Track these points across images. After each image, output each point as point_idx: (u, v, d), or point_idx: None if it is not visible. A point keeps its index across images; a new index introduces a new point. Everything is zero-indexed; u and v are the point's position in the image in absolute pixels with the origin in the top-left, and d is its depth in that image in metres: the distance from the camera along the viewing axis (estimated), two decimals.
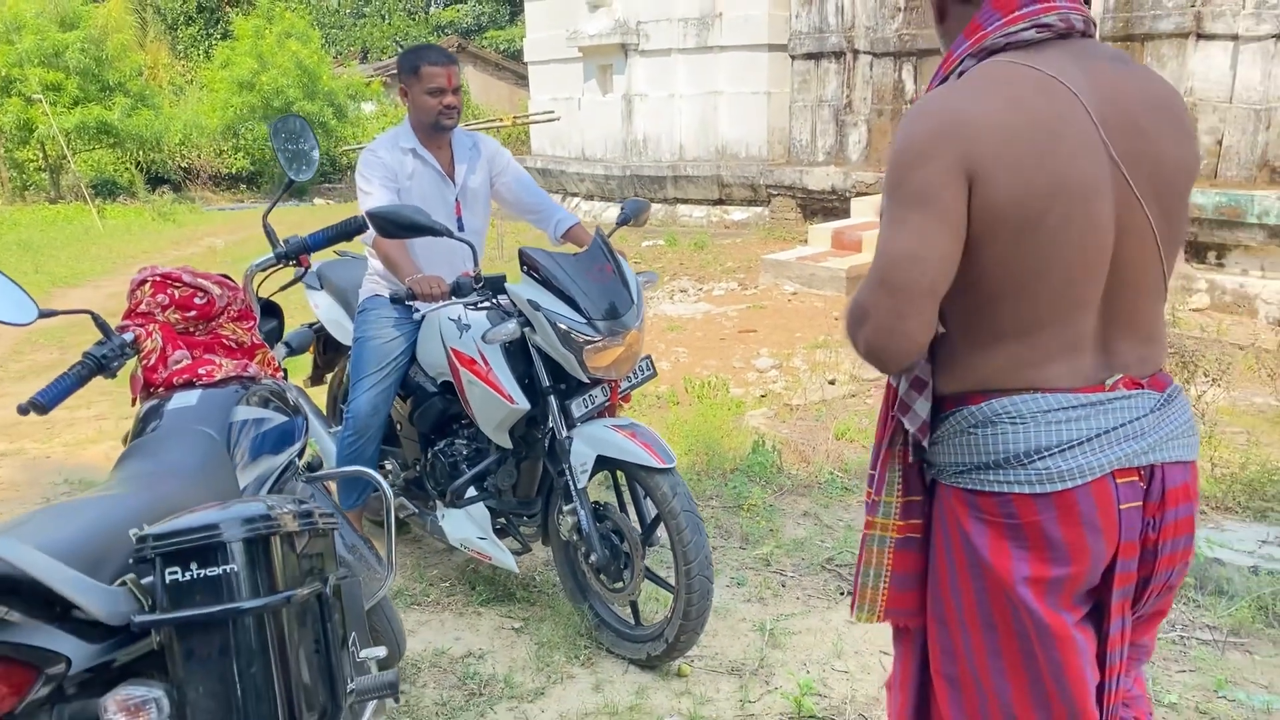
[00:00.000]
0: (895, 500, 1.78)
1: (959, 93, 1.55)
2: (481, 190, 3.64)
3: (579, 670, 3.17)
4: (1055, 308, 1.56)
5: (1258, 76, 8.04)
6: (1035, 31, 1.55)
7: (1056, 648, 1.62)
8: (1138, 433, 1.59)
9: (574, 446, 3.08)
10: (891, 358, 1.59)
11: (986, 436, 1.61)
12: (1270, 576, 3.48)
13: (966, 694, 1.73)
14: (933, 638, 1.79)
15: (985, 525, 1.63)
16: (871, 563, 1.82)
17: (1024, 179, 1.48)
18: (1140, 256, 1.59)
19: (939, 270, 1.53)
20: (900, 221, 1.54)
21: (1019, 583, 1.61)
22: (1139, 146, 1.55)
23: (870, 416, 5.49)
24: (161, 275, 2.43)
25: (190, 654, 1.47)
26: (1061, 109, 1.51)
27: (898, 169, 1.55)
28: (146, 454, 2.09)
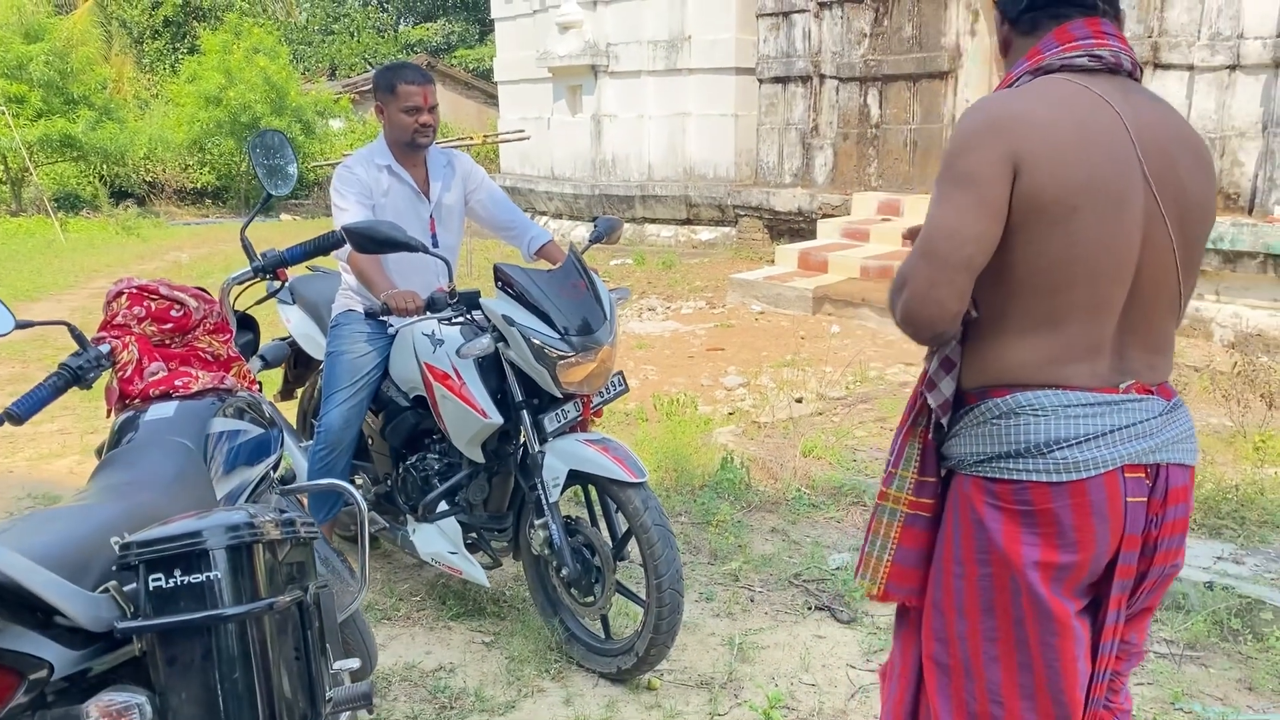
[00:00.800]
0: (910, 475, 1.88)
1: (1013, 95, 1.73)
2: (456, 207, 3.68)
3: (549, 684, 3.19)
4: (1080, 305, 1.69)
5: (1212, 106, 8.25)
6: (1089, 60, 1.72)
7: (1056, 634, 1.73)
8: (1147, 433, 1.72)
9: (546, 461, 3.11)
10: (924, 323, 1.73)
11: (1009, 427, 1.72)
12: (1225, 592, 3.57)
13: (954, 679, 1.82)
14: (927, 622, 1.88)
15: (1000, 511, 1.74)
16: (880, 532, 1.92)
17: (1063, 173, 1.63)
18: (1160, 272, 1.73)
19: (976, 246, 1.66)
20: (946, 200, 1.69)
21: (1029, 567, 1.71)
22: (1169, 173, 1.70)
23: (837, 434, 5.56)
24: (138, 287, 2.44)
25: (173, 660, 1.49)
26: (1105, 121, 1.67)
27: (950, 154, 1.70)
28: (123, 465, 2.10)
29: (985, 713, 1.80)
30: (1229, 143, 8.22)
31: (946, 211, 1.68)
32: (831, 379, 6.74)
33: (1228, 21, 8.06)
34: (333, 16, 33.93)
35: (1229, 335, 7.88)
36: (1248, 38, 7.95)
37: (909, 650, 1.96)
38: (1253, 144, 8.08)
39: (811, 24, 11.67)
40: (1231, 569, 3.84)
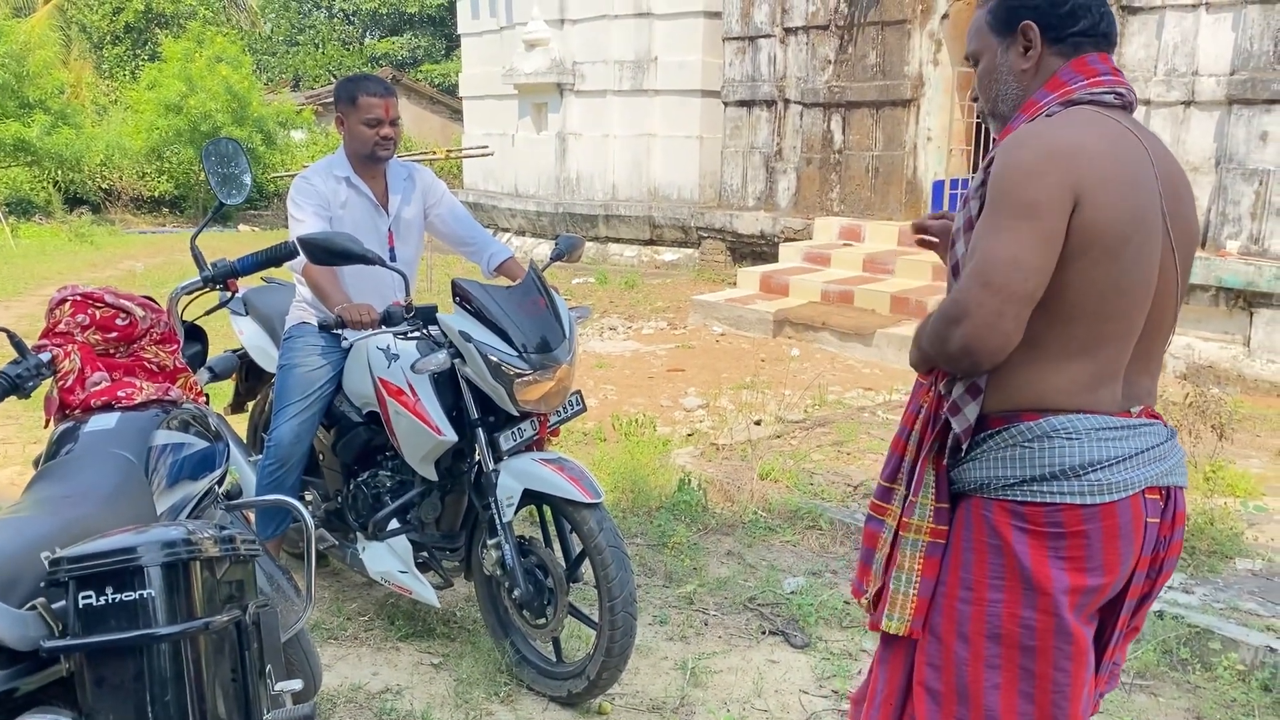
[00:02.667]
0: (929, 503, 1.85)
1: (1061, 125, 1.73)
2: (415, 221, 3.63)
3: (498, 707, 3.13)
4: (1113, 332, 1.73)
5: (1168, 141, 8.38)
6: (1113, 97, 1.77)
7: (1072, 658, 1.74)
8: (1161, 456, 1.77)
9: (501, 480, 3.07)
10: (988, 355, 1.69)
11: (1042, 450, 1.73)
12: (1175, 621, 3.59)
13: (947, 706, 1.80)
14: (921, 649, 1.86)
15: (1028, 535, 1.74)
16: (905, 566, 1.87)
17: (1120, 205, 1.66)
18: (1166, 300, 1.78)
19: (1039, 278, 1.66)
20: (1007, 230, 1.67)
21: (1060, 593, 1.71)
22: (1177, 206, 1.77)
23: (794, 457, 5.56)
24: (82, 295, 2.37)
25: (101, 681, 1.43)
26: (1138, 156, 1.72)
27: (1006, 182, 1.69)
28: (59, 477, 2.03)
29: None
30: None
31: (1008, 242, 1.67)
32: (790, 402, 6.75)
33: (1183, 58, 8.22)
34: (298, 28, 33.75)
35: (1181, 367, 7.99)
36: (1202, 75, 8.12)
37: (895, 677, 1.93)
38: (1206, 179, 8.23)
39: (777, 49, 11.76)
40: (1181, 598, 3.87)
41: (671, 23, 12.97)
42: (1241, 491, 5.05)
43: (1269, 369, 7.63)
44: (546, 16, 13.81)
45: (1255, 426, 6.48)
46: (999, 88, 1.90)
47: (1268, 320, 7.70)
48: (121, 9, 27.30)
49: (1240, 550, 4.33)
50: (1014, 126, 1.83)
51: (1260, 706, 3.19)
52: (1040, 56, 1.84)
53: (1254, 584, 4.09)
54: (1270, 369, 7.62)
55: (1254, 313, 7.78)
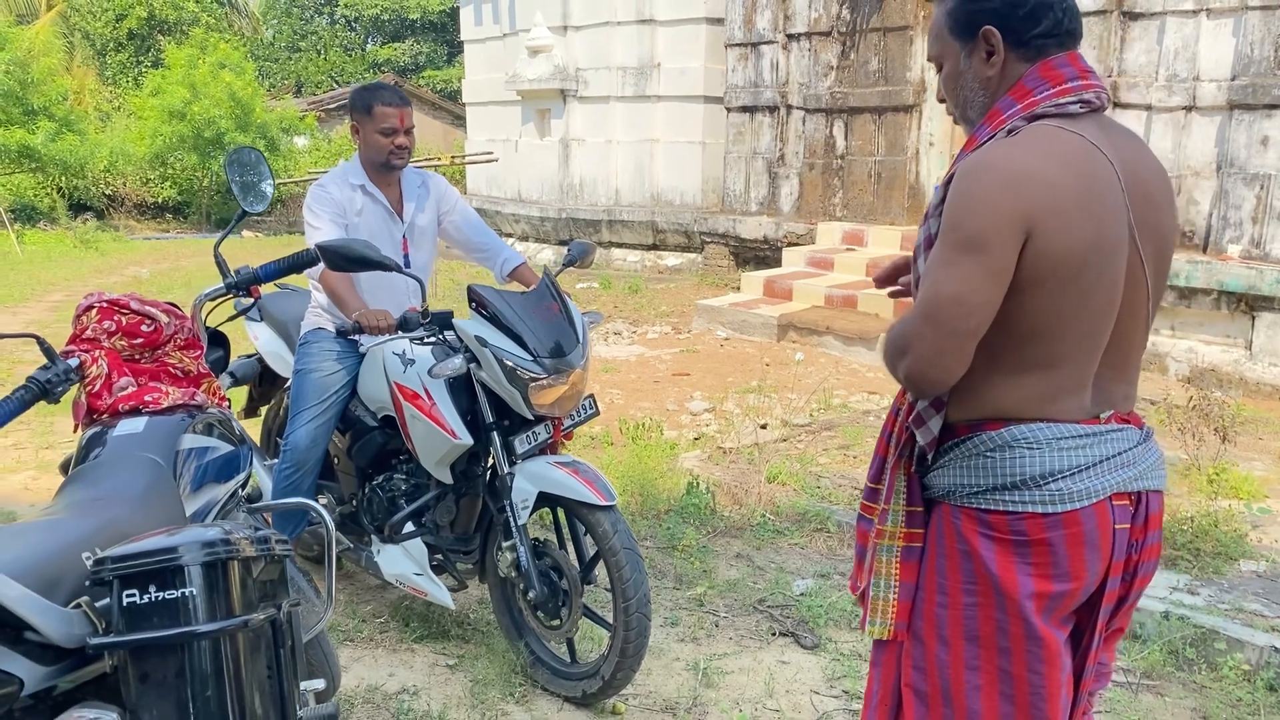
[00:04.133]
0: (901, 509, 1.88)
1: (1020, 150, 1.69)
2: (429, 228, 3.68)
3: (514, 708, 3.17)
4: (1075, 349, 1.72)
5: (1169, 146, 8.45)
6: (1079, 106, 1.73)
7: (1044, 662, 1.75)
8: (1130, 461, 1.76)
9: (516, 482, 3.11)
10: (930, 386, 1.74)
11: (1004, 460, 1.74)
12: (1180, 622, 3.63)
13: (934, 708, 1.83)
14: (906, 652, 1.89)
15: (994, 542, 1.76)
16: (881, 573, 1.90)
17: (1073, 235, 1.64)
18: (1136, 308, 1.77)
19: (982, 315, 1.67)
20: (954, 264, 1.67)
21: (1024, 598, 1.73)
22: (1147, 213, 1.74)
23: (801, 460, 5.60)
24: (109, 301, 2.41)
25: (145, 677, 1.47)
26: (1101, 174, 1.68)
27: (957, 213, 1.68)
28: (91, 480, 2.07)
29: None
30: (1185, 182, 8.41)
31: (954, 277, 1.67)
32: (796, 406, 6.79)
33: (1184, 64, 8.27)
34: (300, 34, 33.83)
35: (1184, 370, 8.04)
36: (1203, 80, 8.16)
37: (888, 679, 1.96)
38: (1208, 183, 8.28)
39: (779, 55, 11.82)
40: (1187, 599, 3.91)
41: (674, 29, 13.03)
42: (1245, 494, 5.09)
43: (1271, 372, 7.66)
44: (549, 23, 13.87)
45: (1258, 429, 6.52)
46: (965, 94, 1.86)
47: (1269, 324, 7.74)
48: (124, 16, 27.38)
49: (1245, 552, 4.36)
50: (979, 136, 1.80)
51: (1266, 706, 3.23)
52: (1004, 62, 1.79)
53: (1258, 585, 4.12)
54: (1272, 372, 7.66)
55: (1256, 316, 7.81)
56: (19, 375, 7.44)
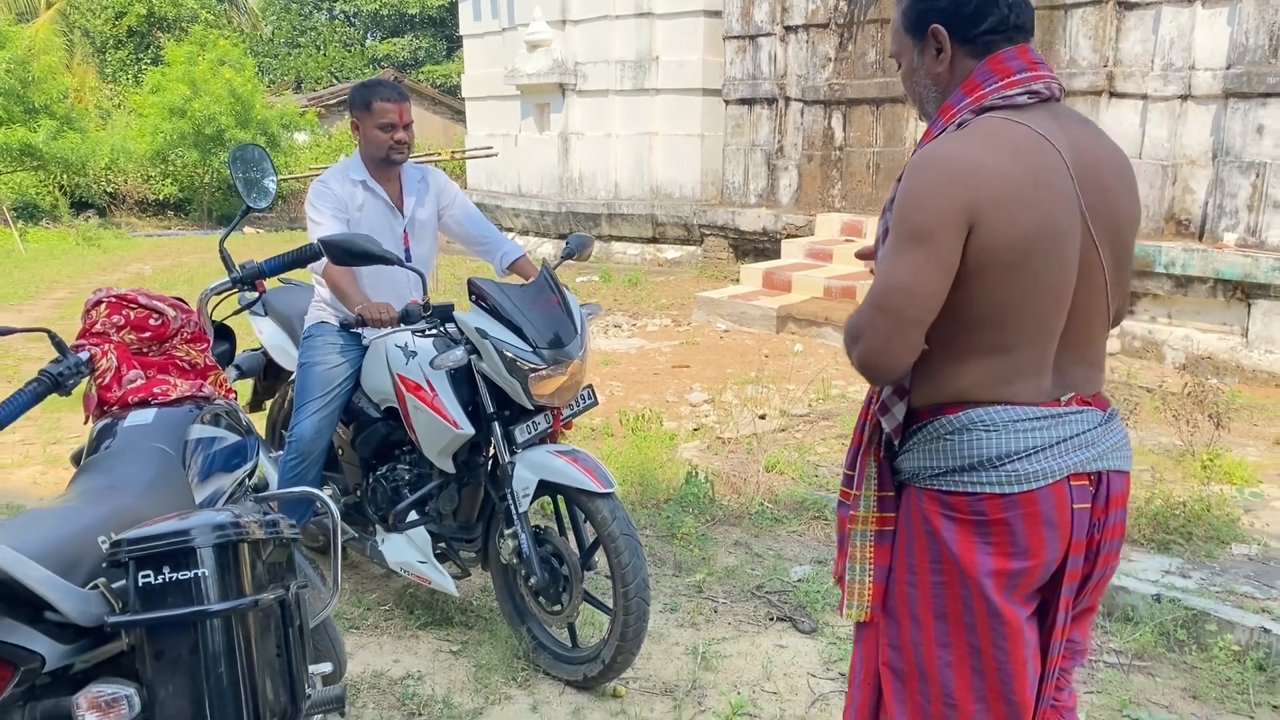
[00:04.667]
0: (872, 494, 1.95)
1: (963, 143, 1.75)
2: (429, 222, 3.74)
3: (516, 691, 3.24)
4: (1028, 333, 1.77)
5: (1165, 134, 8.49)
6: (1027, 97, 1.78)
7: (1007, 638, 1.81)
8: (1089, 443, 1.81)
9: (517, 471, 3.17)
10: (882, 374, 1.81)
11: (962, 442, 1.80)
12: (1172, 604, 3.69)
13: (910, 684, 1.90)
14: (882, 631, 1.95)
15: (955, 522, 1.82)
16: (856, 557, 1.97)
17: (1017, 224, 1.69)
18: (1093, 293, 1.82)
19: (927, 303, 1.73)
20: (902, 254, 1.74)
21: (984, 575, 1.79)
22: (1101, 200, 1.79)
23: (799, 450, 5.66)
24: (117, 296, 2.48)
25: (160, 654, 1.53)
26: (1049, 163, 1.73)
27: (904, 207, 1.74)
28: (103, 470, 2.13)
29: (939, 715, 1.87)
30: (1180, 170, 8.46)
31: (901, 267, 1.74)
32: (794, 396, 6.85)
33: (1180, 53, 8.30)
34: (299, 30, 33.86)
35: (1180, 358, 8.09)
36: (1199, 69, 8.20)
37: (870, 658, 2.02)
38: (1203, 172, 8.32)
39: (777, 48, 11.85)
40: (1178, 582, 3.97)
41: (672, 22, 13.07)
42: (1239, 479, 5.15)
43: (1267, 359, 7.72)
44: (548, 17, 13.91)
45: (1253, 416, 6.57)
46: (920, 90, 1.93)
47: (1265, 311, 7.79)
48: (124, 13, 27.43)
49: (1237, 536, 4.42)
50: (933, 130, 1.86)
51: (1254, 685, 3.29)
52: (953, 58, 1.85)
53: (1250, 568, 4.18)
54: (1268, 359, 7.71)
55: (1252, 304, 7.86)
56: (25, 371, 7.51)
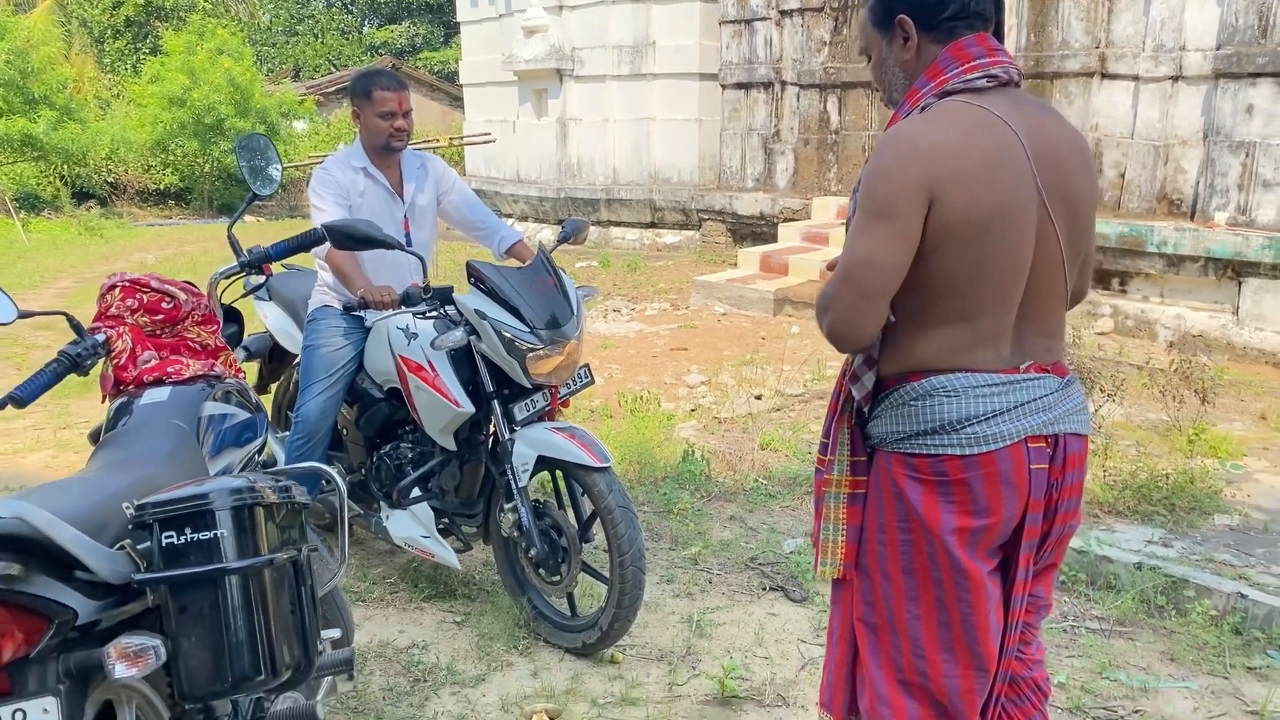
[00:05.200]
0: (845, 459, 2.07)
1: (925, 124, 1.87)
2: (429, 208, 3.84)
3: (518, 659, 3.36)
4: (987, 304, 1.88)
5: (1156, 115, 8.57)
6: (986, 81, 1.90)
7: (970, 591, 1.92)
8: (1046, 407, 1.93)
9: (516, 447, 3.29)
10: (849, 343, 1.94)
11: (925, 407, 1.91)
12: (1153, 572, 3.81)
13: (882, 637, 2.02)
14: (856, 588, 2.07)
15: (920, 484, 1.93)
16: (830, 518, 2.09)
17: (973, 199, 1.80)
18: (1050, 268, 1.93)
19: (890, 275, 1.85)
20: (866, 230, 1.86)
21: (946, 533, 1.91)
22: (1057, 178, 1.90)
23: (793, 428, 5.78)
24: (130, 280, 2.59)
25: (183, 609, 1.66)
26: (1005, 143, 1.84)
27: (869, 184, 1.86)
28: (122, 444, 2.25)
29: (910, 665, 1.99)
30: (1172, 151, 8.54)
31: (865, 241, 1.85)
32: (790, 377, 6.96)
33: (1171, 34, 8.38)
34: (297, 18, 33.85)
35: (1172, 336, 8.19)
36: (1189, 50, 8.27)
37: (846, 616, 2.14)
38: (1194, 152, 8.40)
39: (773, 31, 11.92)
40: (1160, 551, 4.09)
41: (668, 7, 13.13)
42: (1223, 452, 5.26)
43: (1257, 337, 7.82)
44: (545, 3, 13.97)
45: (1240, 392, 6.69)
46: (889, 79, 2.04)
47: (1255, 289, 7.88)
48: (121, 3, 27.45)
49: (1219, 507, 4.54)
50: (899, 115, 1.97)
51: (1231, 648, 3.41)
52: (918, 45, 1.95)
53: (1230, 538, 4.30)
54: (1258, 337, 7.82)
55: (1242, 282, 7.96)
56: (34, 359, 7.63)
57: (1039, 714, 2.18)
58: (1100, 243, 8.44)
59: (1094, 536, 4.12)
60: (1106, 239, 8.47)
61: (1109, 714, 3.08)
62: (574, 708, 3.07)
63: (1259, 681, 3.25)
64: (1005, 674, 2.06)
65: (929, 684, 1.98)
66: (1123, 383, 5.56)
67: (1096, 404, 5.34)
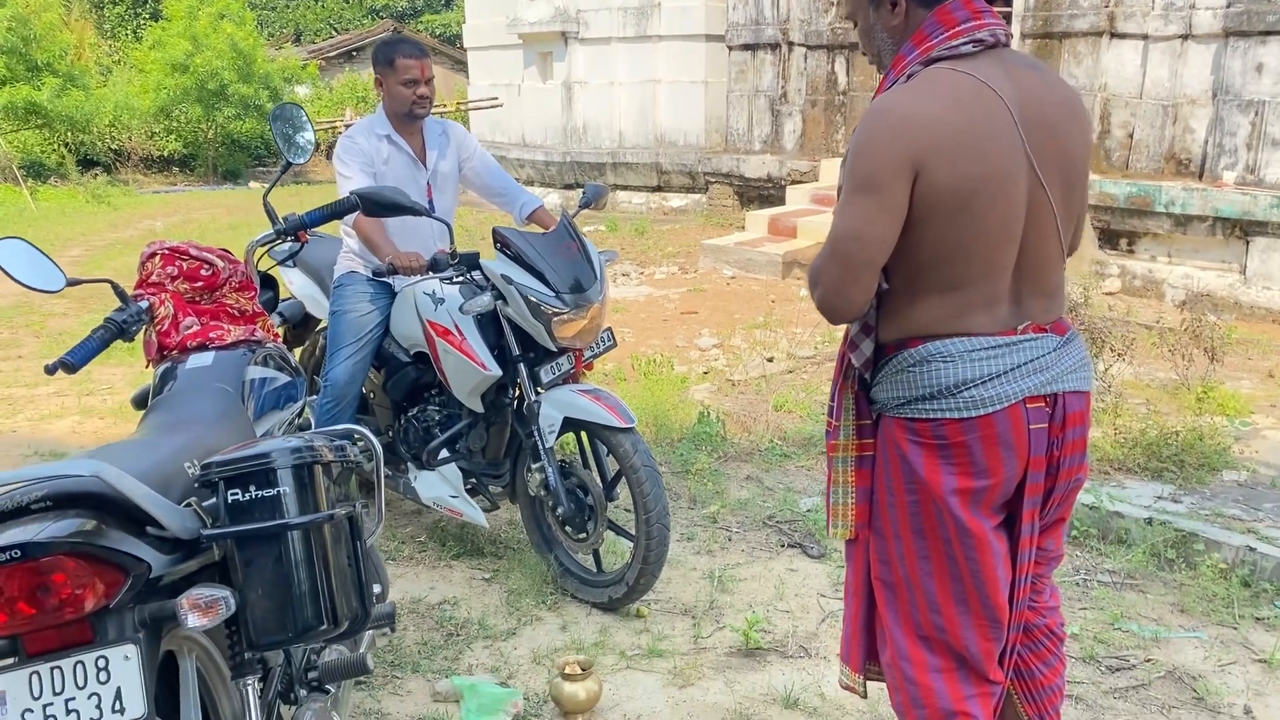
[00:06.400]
0: (851, 424, 2.12)
1: (909, 95, 1.88)
2: (451, 174, 3.90)
3: (547, 614, 3.47)
4: (979, 270, 1.92)
5: (1165, 74, 8.57)
6: (971, 46, 1.90)
7: (975, 549, 1.99)
8: (1043, 367, 1.96)
9: (542, 409, 3.37)
10: (838, 315, 1.99)
11: (923, 373, 1.96)
12: (1163, 527, 3.89)
13: (899, 594, 2.09)
14: (872, 549, 2.14)
15: (921, 447, 1.98)
16: (839, 482, 2.15)
17: (960, 169, 1.83)
18: (1044, 229, 1.96)
19: (877, 248, 1.88)
20: (852, 204, 1.90)
21: (948, 494, 1.96)
22: (1047, 141, 1.91)
23: (806, 390, 5.86)
24: (170, 248, 2.66)
25: (249, 562, 1.74)
26: (991, 110, 1.86)
27: (855, 158, 1.89)
28: (170, 407, 2.33)
29: (927, 620, 2.07)
30: (1181, 110, 8.55)
31: (852, 215, 1.88)
32: (801, 339, 7.03)
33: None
34: None
35: (1180, 295, 8.25)
36: (1199, 8, 8.26)
37: (859, 572, 2.21)
38: (1203, 111, 8.41)
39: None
40: (1170, 507, 4.18)
41: None
42: (1231, 410, 5.34)
43: (1264, 295, 7.87)
44: None
45: (1248, 350, 6.75)
46: (876, 44, 2.05)
47: (1263, 248, 7.93)
48: None
49: (1227, 463, 4.63)
50: (886, 82, 1.98)
51: (1239, 600, 3.50)
52: (905, 10, 1.95)
53: (1239, 493, 4.39)
54: (1265, 295, 7.87)
55: (1250, 241, 8.00)
56: (51, 326, 7.72)
57: (1055, 657, 2.27)
58: (1108, 203, 8.49)
59: (1105, 493, 4.20)
60: (1115, 199, 8.51)
61: (1121, 663, 3.17)
62: (603, 659, 3.17)
63: (1267, 631, 3.34)
64: (1018, 624, 2.13)
65: (946, 637, 2.05)
66: (1132, 342, 5.63)
67: (1106, 363, 5.42)
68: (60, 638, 1.56)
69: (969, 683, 2.08)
